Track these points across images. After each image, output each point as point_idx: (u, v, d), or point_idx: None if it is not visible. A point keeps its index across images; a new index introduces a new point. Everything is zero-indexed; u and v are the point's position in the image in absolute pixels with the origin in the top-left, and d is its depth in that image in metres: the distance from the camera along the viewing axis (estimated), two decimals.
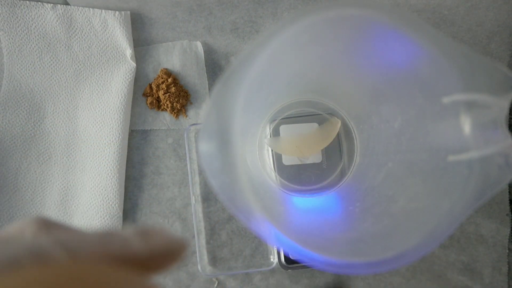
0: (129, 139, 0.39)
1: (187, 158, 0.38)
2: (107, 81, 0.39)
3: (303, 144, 0.37)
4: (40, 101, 0.38)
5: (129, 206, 0.38)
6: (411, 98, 0.28)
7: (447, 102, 0.23)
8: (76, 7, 0.38)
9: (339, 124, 0.37)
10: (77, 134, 0.39)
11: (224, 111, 0.20)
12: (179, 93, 0.38)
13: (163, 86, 0.38)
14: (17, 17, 0.38)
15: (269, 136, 0.38)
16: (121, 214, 0.37)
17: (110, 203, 0.37)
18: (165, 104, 0.38)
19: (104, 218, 0.37)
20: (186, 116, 0.39)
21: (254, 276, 0.38)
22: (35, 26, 0.38)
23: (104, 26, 0.38)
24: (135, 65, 0.38)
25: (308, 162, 0.37)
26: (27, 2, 0.38)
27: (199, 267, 0.37)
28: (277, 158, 0.37)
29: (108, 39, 0.38)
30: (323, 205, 0.36)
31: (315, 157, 0.37)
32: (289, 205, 0.37)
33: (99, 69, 0.39)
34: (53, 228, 0.14)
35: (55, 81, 0.38)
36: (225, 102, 0.20)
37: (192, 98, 0.39)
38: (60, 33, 0.38)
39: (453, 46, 0.21)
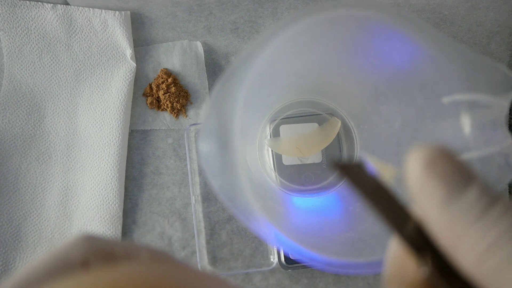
0: (129, 139, 0.39)
1: (187, 158, 0.38)
2: (107, 81, 0.39)
3: (303, 144, 0.37)
4: (40, 101, 0.38)
5: (129, 206, 0.38)
6: (411, 98, 0.28)
7: (447, 102, 0.23)
8: (76, 7, 0.38)
9: (339, 124, 0.37)
10: (77, 134, 0.39)
11: (224, 111, 0.20)
12: (179, 93, 0.38)
13: (163, 86, 0.38)
14: (17, 17, 0.38)
15: (269, 136, 0.38)
16: (121, 214, 0.37)
17: (110, 203, 0.37)
18: (165, 104, 0.38)
19: (104, 218, 0.37)
20: (186, 116, 0.39)
21: (254, 276, 0.38)
22: (35, 26, 0.38)
23: (104, 26, 0.38)
24: (135, 65, 0.38)
25: (308, 162, 0.37)
26: (27, 2, 0.38)
27: (199, 267, 0.37)
28: (277, 158, 0.37)
29: (108, 39, 0.38)
30: (323, 205, 0.36)
31: (315, 157, 0.37)
32: (289, 205, 0.37)
33: (99, 69, 0.39)
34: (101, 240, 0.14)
35: (55, 81, 0.39)
36: (225, 102, 0.20)
37: (192, 98, 0.39)
38: (60, 33, 0.38)
39: (453, 46, 0.21)
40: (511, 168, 0.21)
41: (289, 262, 0.36)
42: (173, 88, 0.38)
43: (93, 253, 0.13)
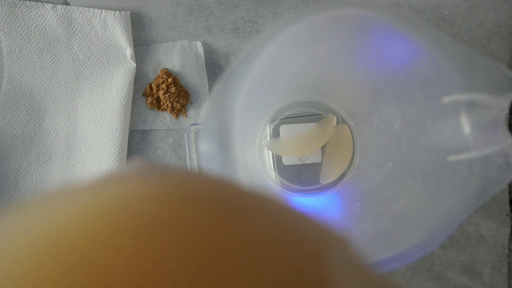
0: (129, 139, 0.39)
1: (187, 158, 0.38)
2: (107, 81, 0.39)
3: (302, 143, 0.37)
4: (40, 101, 0.38)
5: None
6: (411, 98, 0.28)
7: (447, 102, 0.23)
8: (76, 7, 0.38)
9: (335, 120, 0.37)
10: (77, 134, 0.39)
11: (224, 111, 0.20)
12: (179, 93, 0.38)
13: (163, 86, 0.38)
14: (17, 17, 0.38)
15: (269, 137, 0.38)
16: None
17: None
18: (165, 104, 0.38)
19: None
20: (186, 116, 0.39)
21: None
22: (35, 26, 0.38)
23: (104, 26, 0.38)
24: (135, 65, 0.38)
25: (308, 162, 0.37)
26: (27, 2, 0.38)
27: None
28: (277, 158, 0.37)
29: (108, 39, 0.38)
30: (323, 205, 0.36)
31: (315, 157, 0.37)
32: None
33: (99, 69, 0.39)
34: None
35: (55, 81, 0.38)
36: (225, 102, 0.20)
37: (192, 98, 0.39)
38: (60, 33, 0.38)
39: (453, 46, 0.21)
40: (511, 168, 0.21)
41: None
42: (173, 88, 0.38)
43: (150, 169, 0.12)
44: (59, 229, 0.08)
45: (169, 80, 0.38)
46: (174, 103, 0.38)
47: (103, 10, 0.38)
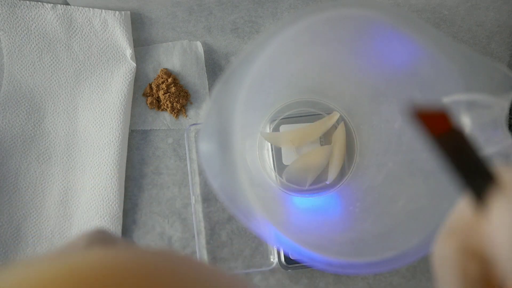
0: (129, 139, 0.39)
1: (187, 158, 0.38)
2: (107, 81, 0.39)
3: (296, 135, 0.36)
4: (40, 101, 0.38)
5: (129, 206, 0.38)
6: (411, 98, 0.28)
7: (447, 102, 0.23)
8: (76, 7, 0.38)
9: (336, 117, 0.37)
10: (77, 134, 0.39)
11: (224, 111, 0.20)
12: (179, 93, 0.38)
13: (163, 86, 0.38)
14: (17, 17, 0.38)
15: None
16: (121, 214, 0.37)
17: (110, 203, 0.37)
18: (165, 104, 0.38)
19: (104, 218, 0.37)
20: (186, 116, 0.39)
21: (254, 276, 0.38)
22: (35, 26, 0.38)
23: (104, 26, 0.38)
24: (135, 65, 0.38)
25: None
26: (27, 2, 0.38)
27: None
28: (277, 158, 0.37)
29: (108, 39, 0.38)
30: (323, 205, 0.36)
31: None
32: (289, 205, 0.37)
33: (99, 69, 0.39)
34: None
35: (55, 81, 0.38)
36: (225, 102, 0.20)
37: (192, 98, 0.39)
38: (60, 33, 0.38)
39: (453, 46, 0.21)
40: None
41: (289, 262, 0.36)
42: (173, 88, 0.38)
43: (97, 240, 0.15)
44: None
45: (169, 80, 0.38)
46: (174, 103, 0.38)
47: (103, 10, 0.38)
